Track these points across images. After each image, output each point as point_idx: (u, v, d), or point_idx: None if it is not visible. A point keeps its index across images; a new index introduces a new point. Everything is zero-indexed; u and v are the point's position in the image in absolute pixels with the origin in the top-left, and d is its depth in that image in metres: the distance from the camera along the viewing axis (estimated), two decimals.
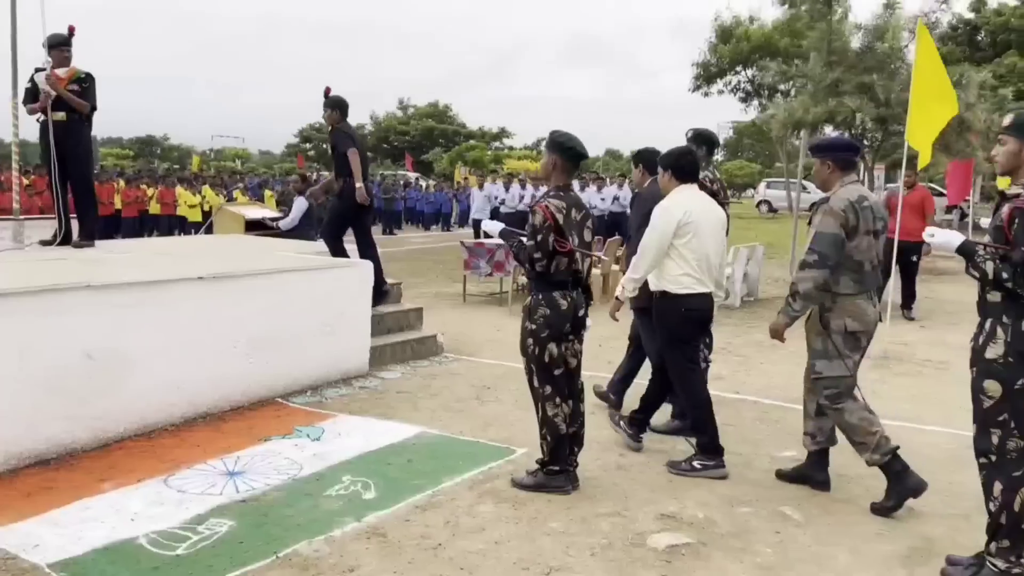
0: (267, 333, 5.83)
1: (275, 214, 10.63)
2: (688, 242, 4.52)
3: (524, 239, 4.18)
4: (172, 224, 18.47)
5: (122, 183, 18.51)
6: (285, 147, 73.93)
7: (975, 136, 10.73)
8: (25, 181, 17.78)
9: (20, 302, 4.47)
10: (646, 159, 5.53)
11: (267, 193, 19.17)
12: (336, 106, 7.31)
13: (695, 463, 4.60)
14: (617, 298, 4.83)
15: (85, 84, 6.63)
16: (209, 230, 10.81)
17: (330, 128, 7.43)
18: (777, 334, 4.20)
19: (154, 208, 18.45)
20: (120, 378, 4.95)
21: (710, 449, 4.60)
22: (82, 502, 4.09)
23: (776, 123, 10.84)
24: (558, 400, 4.20)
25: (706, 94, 43.33)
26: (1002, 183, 18.10)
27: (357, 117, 74.94)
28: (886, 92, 9.90)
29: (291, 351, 6.02)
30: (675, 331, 4.65)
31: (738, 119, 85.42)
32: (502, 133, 60.89)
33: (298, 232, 9.84)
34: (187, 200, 18.45)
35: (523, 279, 10.12)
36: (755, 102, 44.63)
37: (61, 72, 6.58)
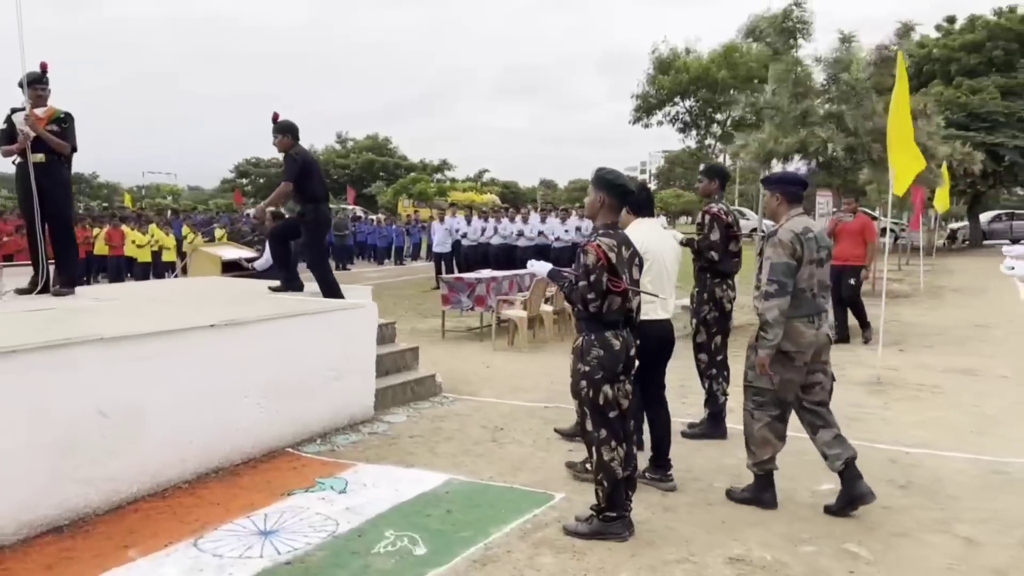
0: (276, 380, 5.59)
1: (250, 254, 10.30)
2: (647, 271, 4.64)
3: (575, 279, 4.08)
4: (120, 265, 17.82)
5: None
6: (220, 182, 72.60)
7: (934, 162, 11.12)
8: None
9: (31, 359, 4.16)
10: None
11: (218, 231, 18.65)
12: (286, 130, 6.86)
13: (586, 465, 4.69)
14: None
15: (64, 124, 6.35)
16: (184, 271, 10.40)
17: (283, 155, 7.07)
18: (763, 368, 4.42)
19: (100, 249, 17.78)
20: (133, 435, 4.66)
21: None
22: (111, 573, 3.80)
23: (748, 153, 11.03)
24: (614, 444, 4.08)
25: (646, 125, 44.25)
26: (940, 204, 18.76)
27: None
28: (855, 122, 10.18)
29: (300, 398, 5.78)
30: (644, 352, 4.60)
31: (669, 148, 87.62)
32: (443, 165, 60.88)
33: (274, 273, 9.53)
34: (136, 240, 17.83)
35: (510, 313, 10.02)
36: (693, 132, 45.83)
37: (39, 112, 6.29)
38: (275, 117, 6.93)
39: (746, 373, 4.65)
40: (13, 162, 6.25)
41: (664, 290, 4.94)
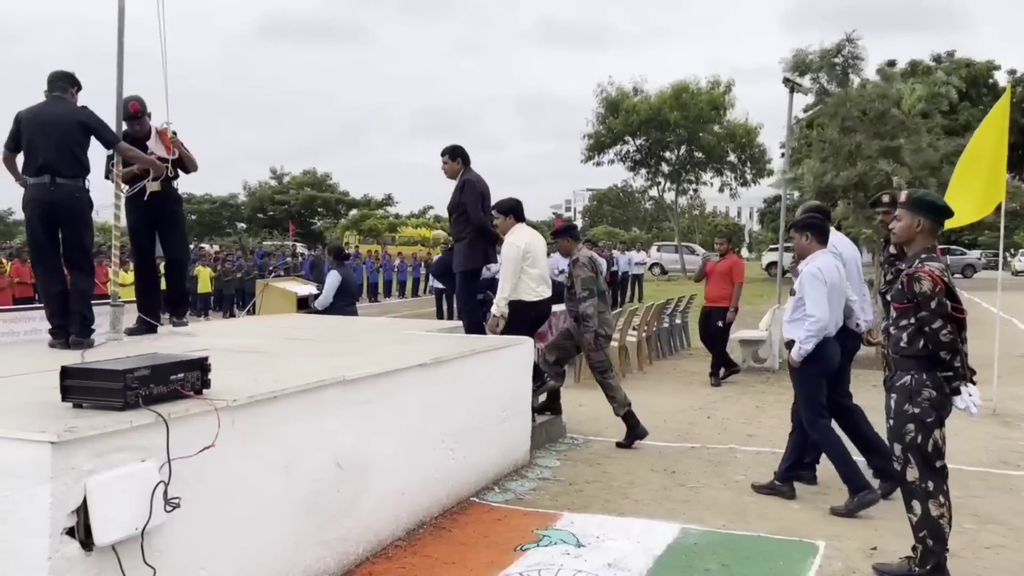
0: (465, 424, 5.12)
1: (315, 291, 9.66)
2: (531, 264, 6.25)
3: (927, 316, 3.67)
4: None
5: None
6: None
7: None
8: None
9: (288, 405, 3.63)
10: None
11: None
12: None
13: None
14: (494, 315, 6.23)
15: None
16: (252, 310, 9.69)
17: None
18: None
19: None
20: (361, 489, 4.13)
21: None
22: None
23: (807, 185, 11.04)
24: (942, 499, 3.76)
25: (598, 164, 44.64)
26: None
27: (229, 187, 72.20)
28: (914, 156, 10.31)
29: (479, 442, 5.31)
30: (532, 326, 6.41)
31: (592, 187, 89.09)
32: (387, 201, 60.12)
33: (334, 309, 8.96)
34: (123, 280, 16.71)
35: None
36: (642, 170, 46.48)
37: (154, 134, 5.75)
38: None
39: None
40: (124, 191, 5.63)
41: (541, 276, 6.35)
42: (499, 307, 6.19)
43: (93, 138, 5.12)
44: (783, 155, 23.36)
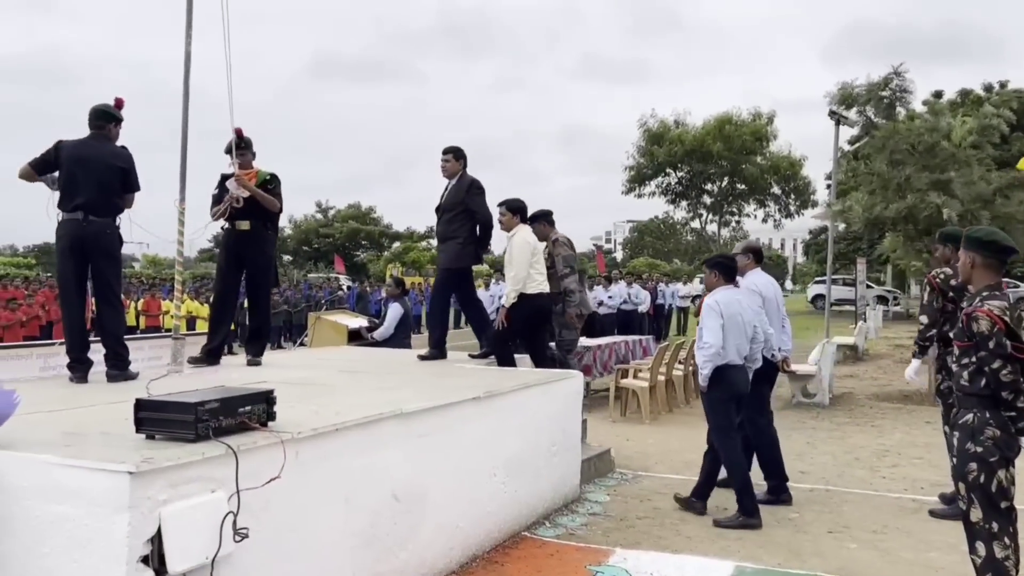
0: (517, 457, 5.15)
1: (367, 323, 9.81)
2: (537, 261, 6.54)
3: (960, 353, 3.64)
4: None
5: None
6: (198, 252, 71.37)
7: None
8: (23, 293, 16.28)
9: (348, 438, 3.70)
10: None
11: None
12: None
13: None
14: (503, 305, 6.49)
15: (271, 186, 5.98)
16: (303, 342, 9.87)
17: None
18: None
19: (132, 319, 17.05)
20: (417, 521, 4.18)
21: None
22: None
23: (855, 217, 10.94)
24: (1007, 541, 3.68)
25: (639, 195, 44.67)
26: None
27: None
28: (965, 189, 10.18)
29: (530, 476, 5.32)
30: (531, 319, 6.54)
31: (633, 219, 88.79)
32: (430, 233, 60.64)
33: (394, 341, 9.08)
34: (188, 307, 17.13)
35: (632, 383, 9.61)
36: (684, 202, 46.38)
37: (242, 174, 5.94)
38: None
39: (559, 332, 6.16)
40: (221, 227, 5.87)
41: (543, 273, 6.61)
42: (509, 298, 6.44)
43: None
44: (828, 187, 23.20)
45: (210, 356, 6.05)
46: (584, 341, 11.11)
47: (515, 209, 6.69)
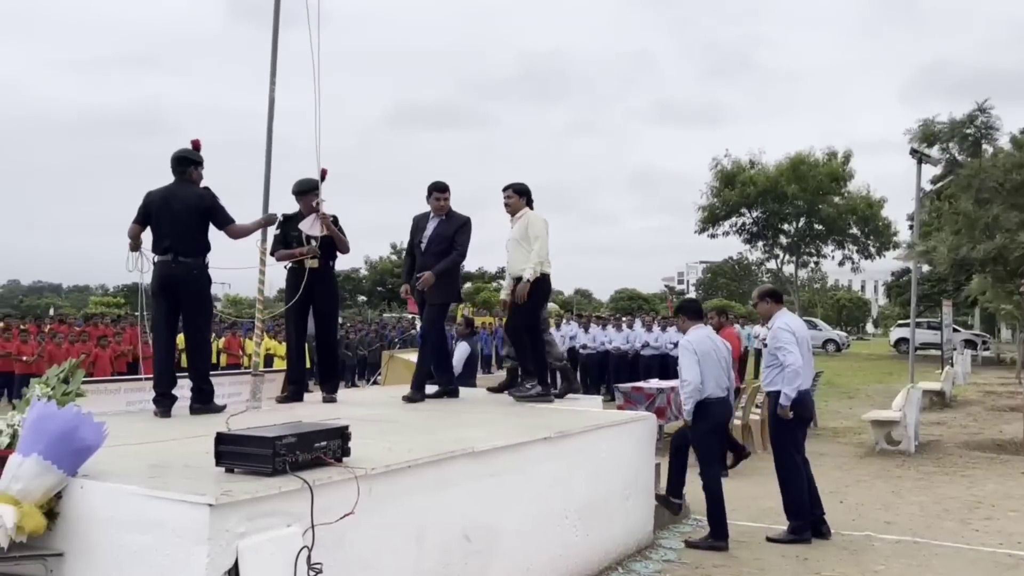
0: (588, 500, 5.07)
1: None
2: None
3: None
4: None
5: None
6: (276, 291, 73.25)
7: None
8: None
9: (420, 475, 3.72)
10: None
11: None
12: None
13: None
14: (526, 279, 6.23)
15: (337, 226, 6.12)
16: (377, 381, 10.01)
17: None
18: None
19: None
20: (487, 562, 4.14)
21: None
22: None
23: (940, 258, 10.58)
24: None
25: (713, 236, 44.18)
26: None
27: (352, 261, 75.25)
28: None
29: (603, 519, 5.23)
30: (544, 300, 6.78)
31: (706, 259, 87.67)
32: (501, 274, 61.11)
33: (461, 379, 9.09)
34: (250, 349, 17.60)
35: None
36: (759, 243, 45.64)
37: (312, 217, 6.09)
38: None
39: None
40: (285, 267, 6.03)
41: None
42: (535, 272, 6.28)
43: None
44: (910, 227, 22.45)
45: (295, 393, 6.20)
46: (657, 383, 10.97)
47: (521, 192, 6.66)
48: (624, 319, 19.63)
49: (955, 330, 27.56)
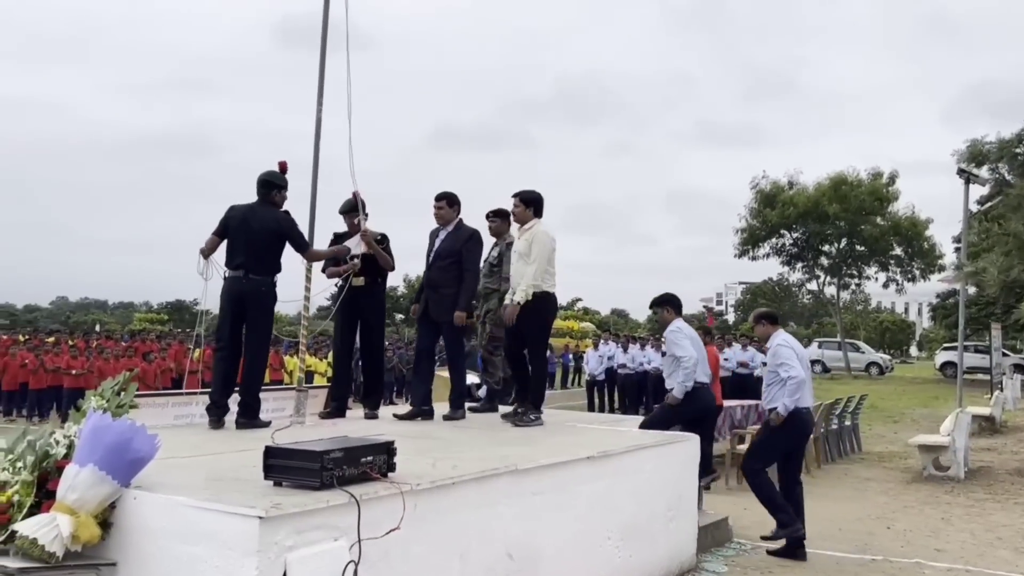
0: (631, 520, 5.02)
1: (477, 380, 9.93)
2: (552, 259, 6.13)
3: None
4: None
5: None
6: (316, 309, 73.96)
7: None
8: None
9: (464, 492, 3.72)
10: None
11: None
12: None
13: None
14: (516, 302, 5.92)
15: (382, 245, 6.20)
16: None
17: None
18: None
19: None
20: None
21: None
22: None
23: (990, 280, 10.36)
24: None
25: (753, 258, 43.72)
26: None
27: (391, 280, 76.13)
28: None
29: (645, 541, 5.17)
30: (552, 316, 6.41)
31: (745, 280, 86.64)
32: None
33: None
34: (291, 366, 17.82)
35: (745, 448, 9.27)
36: (799, 264, 45.05)
37: (357, 237, 6.18)
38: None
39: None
40: (336, 284, 6.13)
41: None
42: (526, 294, 5.88)
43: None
44: (957, 249, 21.99)
45: (338, 409, 6.26)
46: None
47: (529, 201, 6.17)
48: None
49: (1004, 354, 26.87)
